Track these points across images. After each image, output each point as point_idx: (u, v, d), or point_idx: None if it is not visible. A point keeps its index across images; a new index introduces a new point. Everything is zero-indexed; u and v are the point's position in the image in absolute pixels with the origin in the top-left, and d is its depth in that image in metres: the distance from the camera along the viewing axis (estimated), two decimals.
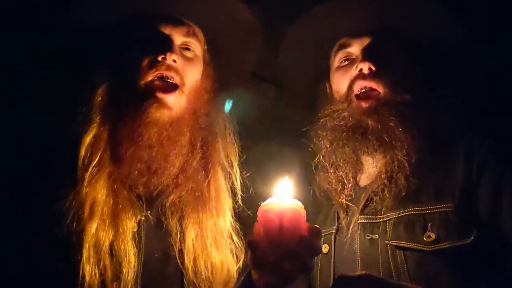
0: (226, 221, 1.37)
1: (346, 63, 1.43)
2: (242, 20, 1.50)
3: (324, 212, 1.47)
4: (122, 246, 1.17)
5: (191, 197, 1.33)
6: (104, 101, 1.27)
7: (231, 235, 1.38)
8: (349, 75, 1.40)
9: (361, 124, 1.33)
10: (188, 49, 1.39)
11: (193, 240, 1.30)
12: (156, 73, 1.28)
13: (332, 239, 1.37)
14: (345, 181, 1.39)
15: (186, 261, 1.28)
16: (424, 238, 1.16)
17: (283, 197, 1.10)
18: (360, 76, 1.36)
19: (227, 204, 1.39)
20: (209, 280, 1.29)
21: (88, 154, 1.22)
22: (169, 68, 1.30)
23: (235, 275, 1.35)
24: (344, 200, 1.37)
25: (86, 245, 1.13)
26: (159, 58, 1.29)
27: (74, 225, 1.14)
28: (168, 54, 1.29)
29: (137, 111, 1.25)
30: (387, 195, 1.27)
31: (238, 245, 1.38)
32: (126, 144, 1.25)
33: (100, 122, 1.25)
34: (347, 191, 1.38)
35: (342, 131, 1.37)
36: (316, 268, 1.36)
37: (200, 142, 1.37)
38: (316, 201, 1.51)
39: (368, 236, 1.26)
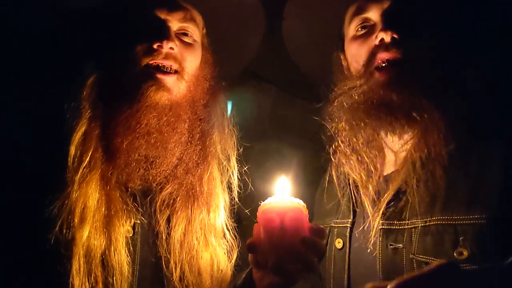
0: (217, 218, 1.30)
1: (364, 31, 1.23)
2: (243, 1, 1.40)
3: (339, 200, 1.32)
4: (115, 257, 1.11)
5: (184, 193, 1.26)
6: (94, 93, 1.20)
7: (224, 232, 1.31)
8: (367, 45, 1.20)
9: (385, 100, 1.13)
10: (186, 34, 1.30)
11: (180, 238, 1.23)
12: (152, 61, 1.21)
13: (347, 234, 1.23)
14: (371, 168, 1.21)
15: (172, 262, 1.21)
16: (455, 255, 0.98)
17: (284, 196, 1.05)
18: (382, 47, 1.16)
19: (220, 200, 1.32)
20: (197, 280, 1.23)
21: (78, 154, 1.15)
22: (166, 56, 1.22)
23: (228, 273, 1.30)
24: (371, 190, 1.19)
25: (76, 256, 1.06)
26: (155, 46, 1.21)
27: (64, 233, 1.07)
28: (164, 42, 1.22)
29: (135, 95, 1.18)
30: (420, 183, 1.08)
31: (231, 242, 1.32)
32: (122, 133, 1.18)
33: (90, 117, 1.18)
34: (374, 181, 1.20)
35: (362, 109, 1.17)
36: (329, 263, 1.26)
37: (199, 133, 1.30)
38: (331, 187, 1.36)
39: (392, 245, 1.10)
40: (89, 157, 1.15)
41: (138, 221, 1.19)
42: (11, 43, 1.30)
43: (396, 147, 1.19)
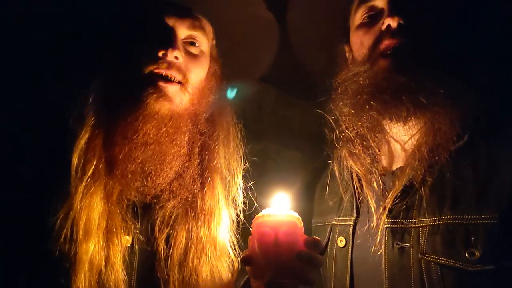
0: (219, 235, 1.25)
1: (370, 19, 1.21)
2: (256, 12, 1.38)
3: (341, 197, 1.29)
4: (112, 276, 1.09)
5: (182, 209, 1.23)
6: (98, 100, 1.18)
7: (227, 251, 1.26)
8: (373, 32, 1.18)
9: (390, 83, 1.10)
10: (193, 44, 1.27)
11: (180, 258, 1.19)
12: (156, 70, 1.18)
13: (350, 232, 1.20)
14: (376, 161, 1.19)
15: (171, 283, 1.17)
16: (466, 255, 0.96)
17: (279, 208, 1.04)
18: (388, 33, 1.13)
19: (222, 217, 1.27)
20: None
21: (82, 162, 1.13)
22: (170, 66, 1.19)
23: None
24: (375, 182, 1.17)
25: (81, 271, 1.05)
26: (160, 54, 1.18)
27: (67, 246, 1.06)
28: (169, 50, 1.19)
29: (135, 102, 1.15)
30: (428, 179, 1.05)
31: (233, 261, 1.27)
32: (120, 143, 1.15)
33: (93, 124, 1.16)
34: (379, 171, 1.18)
35: (367, 92, 1.14)
36: (330, 261, 1.23)
37: (199, 147, 1.26)
38: (333, 183, 1.33)
39: (398, 244, 1.07)
40: (93, 167, 1.13)
41: (137, 239, 1.16)
42: (16, 49, 1.29)
43: (403, 140, 1.17)
